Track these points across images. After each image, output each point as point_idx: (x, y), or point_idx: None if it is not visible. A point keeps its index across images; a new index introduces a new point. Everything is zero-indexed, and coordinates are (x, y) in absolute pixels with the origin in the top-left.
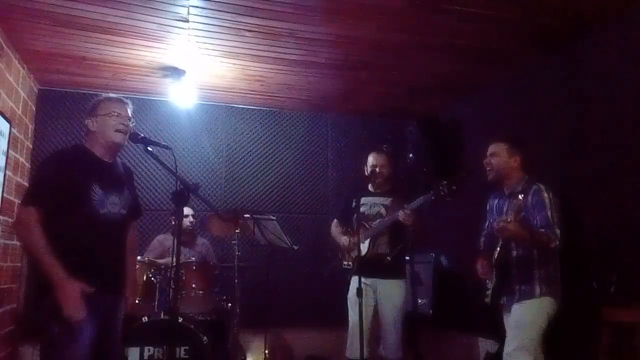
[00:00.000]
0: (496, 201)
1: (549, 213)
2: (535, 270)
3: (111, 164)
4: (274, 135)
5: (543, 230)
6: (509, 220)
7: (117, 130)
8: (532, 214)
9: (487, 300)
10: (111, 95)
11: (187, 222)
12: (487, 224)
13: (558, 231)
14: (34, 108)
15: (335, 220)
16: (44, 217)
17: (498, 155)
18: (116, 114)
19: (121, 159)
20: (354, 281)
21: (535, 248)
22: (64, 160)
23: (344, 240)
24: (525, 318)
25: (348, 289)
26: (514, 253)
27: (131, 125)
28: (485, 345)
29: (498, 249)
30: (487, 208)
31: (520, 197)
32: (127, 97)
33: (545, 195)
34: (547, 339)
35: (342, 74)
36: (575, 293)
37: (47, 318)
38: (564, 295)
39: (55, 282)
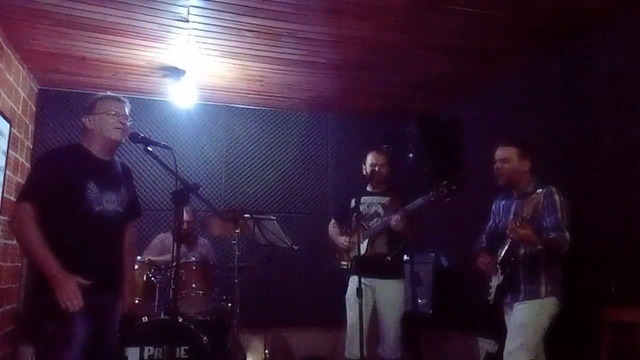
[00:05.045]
0: (503, 202)
1: (560, 215)
2: (542, 269)
3: (108, 162)
4: (274, 136)
5: (553, 235)
6: (525, 215)
7: (115, 128)
8: (543, 216)
9: (490, 298)
10: (109, 93)
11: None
12: (489, 223)
13: (568, 235)
14: (34, 108)
15: (333, 220)
16: (39, 214)
17: (509, 161)
18: (114, 112)
19: (120, 158)
20: (353, 281)
21: (545, 252)
22: (60, 157)
23: (342, 240)
24: (528, 318)
25: (346, 289)
26: (522, 251)
27: (129, 123)
28: (485, 345)
29: (506, 247)
30: (493, 208)
31: (538, 191)
32: (127, 97)
33: (557, 198)
34: (547, 338)
35: (342, 74)
36: (575, 293)
37: (42, 318)
38: (565, 295)
39: (51, 276)
